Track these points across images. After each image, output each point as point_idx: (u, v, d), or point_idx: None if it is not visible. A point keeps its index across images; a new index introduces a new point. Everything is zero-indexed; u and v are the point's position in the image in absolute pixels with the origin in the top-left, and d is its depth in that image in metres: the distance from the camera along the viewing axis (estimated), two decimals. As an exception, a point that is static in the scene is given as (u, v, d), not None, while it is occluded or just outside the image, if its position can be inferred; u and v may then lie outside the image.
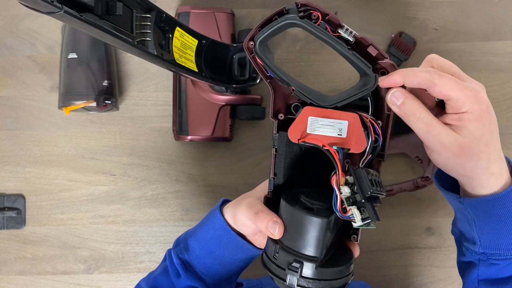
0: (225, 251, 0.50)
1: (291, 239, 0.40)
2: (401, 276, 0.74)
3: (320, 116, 0.40)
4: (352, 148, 0.39)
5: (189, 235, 0.53)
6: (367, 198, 0.36)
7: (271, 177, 0.44)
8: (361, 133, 0.39)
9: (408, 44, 0.72)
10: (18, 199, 0.76)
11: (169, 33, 0.55)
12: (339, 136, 0.39)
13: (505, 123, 0.73)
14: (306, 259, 0.38)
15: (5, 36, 0.77)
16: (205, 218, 0.53)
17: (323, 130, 0.39)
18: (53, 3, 0.34)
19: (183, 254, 0.52)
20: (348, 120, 0.39)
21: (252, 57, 0.41)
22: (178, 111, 0.71)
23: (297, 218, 0.39)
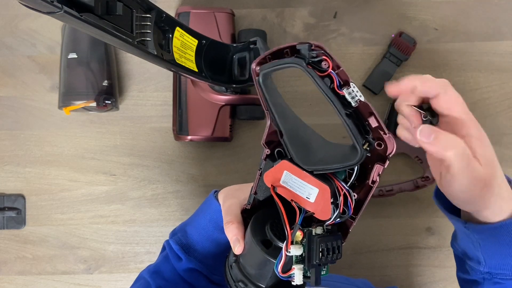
0: (222, 234, 0.50)
1: (246, 261, 0.43)
2: (401, 276, 0.74)
3: (294, 174, 0.39)
4: (316, 213, 0.39)
5: (186, 224, 0.56)
6: (313, 265, 0.37)
7: (252, 193, 0.44)
8: (328, 204, 0.38)
9: (408, 44, 0.72)
10: (18, 199, 0.76)
11: (169, 33, 0.55)
12: (306, 199, 0.39)
13: (505, 123, 0.73)
14: (255, 285, 0.42)
15: (5, 36, 0.77)
16: (199, 209, 0.56)
17: (294, 187, 0.39)
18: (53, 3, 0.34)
19: (180, 240, 0.54)
20: (319, 189, 0.38)
21: (256, 81, 0.40)
22: (178, 111, 0.71)
23: (254, 249, 0.41)
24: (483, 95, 0.73)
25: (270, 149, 0.42)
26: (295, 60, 0.36)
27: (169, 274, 0.54)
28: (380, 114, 0.73)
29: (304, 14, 0.75)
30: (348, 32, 0.75)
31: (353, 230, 0.41)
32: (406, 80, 0.39)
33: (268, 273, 0.40)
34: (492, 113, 0.73)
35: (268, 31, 0.73)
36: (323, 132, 0.42)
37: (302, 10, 0.75)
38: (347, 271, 0.74)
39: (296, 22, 0.75)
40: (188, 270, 0.53)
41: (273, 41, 0.75)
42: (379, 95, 0.73)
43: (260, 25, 0.75)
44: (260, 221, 0.43)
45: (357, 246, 0.74)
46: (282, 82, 0.74)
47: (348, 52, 0.74)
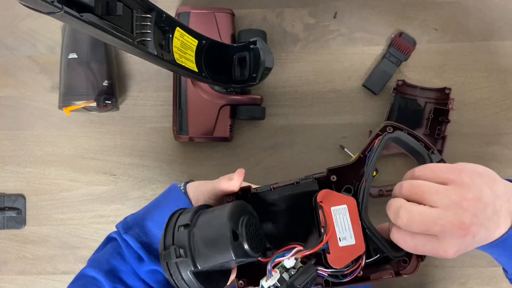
0: None
1: (200, 234, 0.41)
2: (401, 276, 0.74)
3: (350, 215, 0.41)
4: (331, 256, 0.40)
5: (143, 218, 0.50)
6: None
7: (271, 188, 0.46)
8: (349, 260, 0.40)
9: (408, 44, 0.72)
10: (18, 199, 0.76)
11: (169, 33, 0.55)
12: (338, 239, 0.41)
13: (505, 123, 0.73)
14: (193, 261, 0.40)
15: (5, 36, 0.77)
16: (161, 202, 0.51)
17: (338, 223, 0.41)
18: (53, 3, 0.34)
19: (140, 237, 0.49)
20: (356, 243, 0.40)
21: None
22: (178, 111, 0.71)
23: (220, 231, 0.39)
24: (483, 95, 0.73)
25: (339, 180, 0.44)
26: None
27: (128, 276, 0.48)
28: (380, 114, 0.73)
29: (304, 14, 0.75)
30: (348, 32, 0.75)
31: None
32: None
33: (216, 260, 0.39)
34: (492, 113, 0.73)
35: (268, 31, 0.73)
36: (324, 132, 0.43)
37: (302, 10, 0.75)
38: (347, 271, 0.74)
39: (296, 22, 0.75)
40: (151, 272, 0.48)
41: (273, 41, 0.75)
42: (379, 95, 0.73)
43: (260, 25, 0.75)
44: (239, 209, 0.42)
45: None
46: (281, 82, 0.74)
47: (348, 52, 0.75)
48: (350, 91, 0.74)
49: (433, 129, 0.70)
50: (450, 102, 0.69)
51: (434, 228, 0.36)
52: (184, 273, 0.39)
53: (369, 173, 0.42)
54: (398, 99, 0.71)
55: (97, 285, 0.47)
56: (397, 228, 0.39)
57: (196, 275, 0.40)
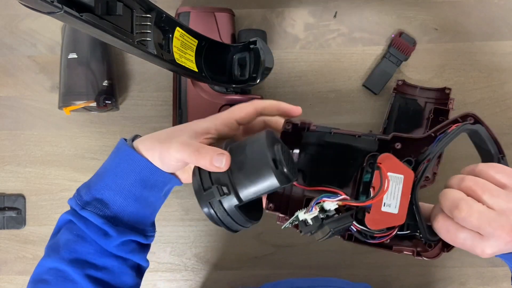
0: (150, 192, 0.46)
1: (239, 167, 0.41)
2: (401, 276, 0.74)
3: (404, 187, 0.42)
4: (369, 215, 0.42)
5: (98, 189, 0.46)
6: (332, 234, 0.40)
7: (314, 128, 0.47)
8: (384, 225, 0.42)
9: (408, 44, 0.72)
10: (18, 199, 0.76)
11: (169, 33, 0.55)
12: (383, 203, 0.41)
13: (505, 123, 0.73)
14: (237, 195, 0.40)
15: (5, 36, 0.77)
16: (112, 162, 0.47)
17: (390, 189, 0.42)
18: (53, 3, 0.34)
19: (102, 211, 0.45)
20: (398, 213, 0.41)
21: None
22: (178, 111, 0.71)
23: (260, 161, 0.40)
24: (483, 95, 0.73)
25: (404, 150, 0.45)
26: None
27: (96, 257, 0.44)
28: (380, 114, 0.73)
29: (304, 14, 0.75)
30: (348, 32, 0.75)
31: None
32: None
33: (261, 191, 0.40)
34: (492, 113, 0.73)
35: (268, 31, 0.73)
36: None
37: (302, 10, 0.75)
38: (347, 271, 0.74)
39: (296, 22, 0.75)
40: (122, 244, 0.46)
41: (273, 41, 0.75)
42: (379, 95, 0.73)
43: (260, 25, 0.75)
44: (273, 136, 0.42)
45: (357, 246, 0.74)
46: (281, 82, 0.74)
47: (348, 52, 0.74)
48: (350, 91, 0.74)
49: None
50: (450, 102, 0.69)
51: (486, 228, 0.38)
52: (230, 209, 0.40)
53: (435, 154, 0.42)
54: (398, 99, 0.71)
55: (64, 277, 0.43)
56: (445, 216, 0.40)
57: (241, 208, 0.40)
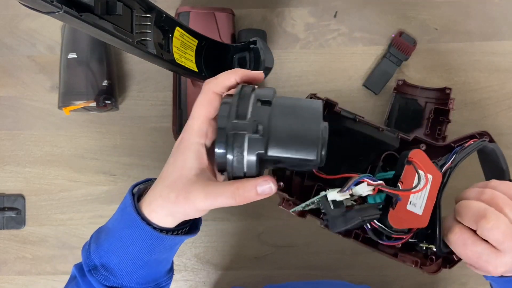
0: (160, 254, 0.43)
1: (283, 119, 0.35)
2: (401, 276, 0.74)
3: (430, 192, 0.40)
4: (392, 213, 0.38)
5: (106, 252, 0.42)
6: (360, 223, 0.37)
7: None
8: (404, 225, 0.39)
9: (408, 44, 0.72)
10: (18, 199, 0.76)
11: (169, 33, 0.55)
12: (409, 201, 0.39)
13: (505, 123, 0.73)
14: (266, 144, 0.35)
15: (5, 36, 0.77)
16: (121, 223, 0.42)
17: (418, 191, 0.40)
18: (53, 3, 0.34)
19: (108, 279, 0.41)
20: (422, 215, 0.40)
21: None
22: (178, 111, 0.71)
23: (310, 125, 0.35)
24: (483, 95, 0.73)
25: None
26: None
27: None
28: (381, 114, 0.73)
29: (304, 14, 0.75)
30: (348, 32, 0.75)
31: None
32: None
33: (292, 155, 0.34)
34: (492, 113, 0.73)
35: (268, 31, 0.73)
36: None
37: (302, 10, 0.75)
38: (347, 271, 0.74)
39: (296, 22, 0.75)
40: None
41: (273, 41, 0.75)
42: (379, 95, 0.73)
43: (260, 25, 0.75)
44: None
45: (357, 246, 0.74)
46: (281, 82, 0.74)
47: (348, 52, 0.74)
48: (350, 91, 0.74)
49: (433, 129, 0.70)
50: (451, 102, 0.69)
51: (506, 243, 0.37)
52: (250, 153, 0.34)
53: (458, 162, 0.42)
54: (398, 99, 0.71)
55: None
56: (463, 228, 0.39)
57: (259, 160, 0.35)
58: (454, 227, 0.39)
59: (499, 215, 0.37)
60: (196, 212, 0.39)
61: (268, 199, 0.75)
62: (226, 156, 0.35)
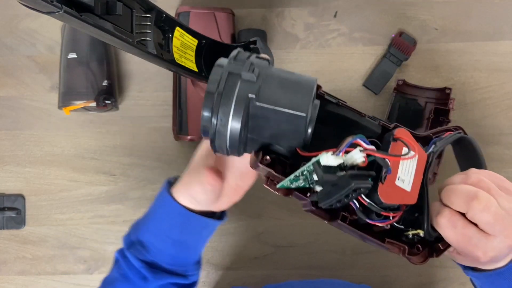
0: (188, 235, 0.47)
1: (279, 73, 0.37)
2: (401, 276, 0.74)
3: (418, 169, 0.39)
4: (383, 186, 0.37)
5: (142, 230, 0.49)
6: (351, 193, 0.35)
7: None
8: (392, 201, 0.37)
9: (408, 44, 0.72)
10: (18, 199, 0.76)
11: (169, 33, 0.55)
12: (397, 176, 0.38)
13: (505, 123, 0.73)
14: (258, 90, 0.35)
15: (5, 36, 0.77)
16: (155, 206, 0.49)
17: (404, 164, 0.39)
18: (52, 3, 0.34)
19: (143, 254, 0.47)
20: (411, 191, 0.39)
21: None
22: (178, 111, 0.71)
23: (304, 83, 0.36)
24: (483, 95, 0.73)
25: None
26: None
27: None
28: (381, 114, 0.73)
29: (304, 14, 0.75)
30: (348, 32, 0.75)
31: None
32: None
33: (284, 107, 0.35)
34: (492, 113, 0.73)
35: (268, 31, 0.73)
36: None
37: (302, 10, 0.75)
38: (348, 271, 0.73)
39: (296, 22, 0.75)
40: (159, 287, 0.48)
41: (273, 41, 0.75)
42: (379, 95, 0.73)
43: (260, 25, 0.75)
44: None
45: (357, 246, 0.74)
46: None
47: (348, 52, 0.74)
48: (350, 91, 0.74)
49: (433, 129, 0.70)
50: (451, 102, 0.69)
51: (497, 225, 0.36)
52: (242, 92, 0.35)
53: (438, 150, 0.41)
54: (398, 99, 0.71)
55: None
56: (452, 212, 0.38)
57: (245, 122, 0.35)
58: (444, 209, 0.39)
59: (490, 197, 0.36)
60: (206, 191, 0.45)
61: (268, 199, 0.75)
62: (211, 120, 0.35)
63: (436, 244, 0.40)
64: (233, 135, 0.35)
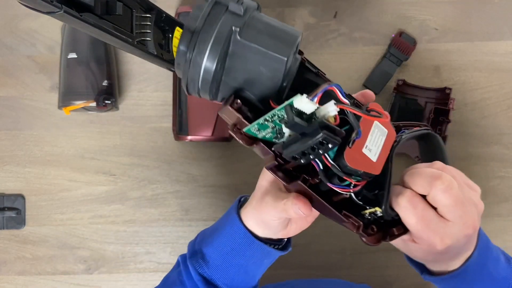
0: (250, 261, 0.47)
1: (263, 18, 0.36)
2: (401, 276, 0.74)
3: (388, 138, 0.40)
4: (349, 150, 0.36)
5: (206, 242, 0.48)
6: (319, 146, 0.33)
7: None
8: (358, 167, 0.37)
9: (408, 44, 0.72)
10: (18, 199, 0.76)
11: (169, 33, 0.55)
12: (365, 145, 0.37)
13: (505, 123, 0.73)
14: (243, 26, 0.34)
15: (5, 36, 0.77)
16: (222, 221, 0.49)
17: (374, 133, 0.38)
18: (52, 3, 0.34)
19: (202, 267, 0.47)
20: (376, 162, 0.38)
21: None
22: (178, 111, 0.71)
23: (288, 30, 0.36)
24: (483, 95, 0.73)
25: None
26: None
27: None
28: (380, 114, 0.73)
29: (304, 14, 0.75)
30: (348, 32, 0.75)
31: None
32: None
33: (265, 47, 0.34)
34: (492, 113, 0.73)
35: (268, 31, 0.73)
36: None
37: (302, 10, 0.75)
38: (348, 271, 0.73)
39: (296, 22, 0.75)
40: None
41: (273, 41, 0.75)
42: (379, 95, 0.73)
43: (260, 25, 0.75)
44: None
45: (357, 246, 0.74)
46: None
47: (348, 52, 0.74)
48: (350, 91, 0.73)
49: (433, 129, 0.70)
50: (451, 102, 0.69)
51: (456, 210, 0.36)
52: (225, 23, 0.34)
53: (404, 138, 0.42)
54: (398, 99, 0.71)
55: None
56: (413, 193, 0.38)
57: (222, 58, 0.34)
58: (405, 191, 0.38)
59: (452, 179, 0.36)
60: (268, 221, 0.43)
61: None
62: (186, 55, 0.34)
63: (391, 228, 0.39)
64: (207, 69, 0.34)
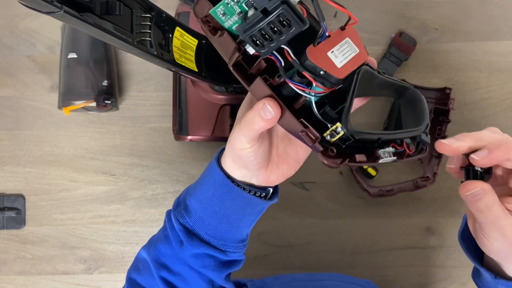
0: (230, 209, 0.44)
1: None
2: (401, 276, 0.74)
3: (358, 52, 0.39)
4: (309, 48, 0.36)
5: (190, 194, 0.47)
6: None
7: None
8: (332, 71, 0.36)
9: (408, 44, 0.72)
10: (18, 199, 0.76)
11: (169, 33, 0.55)
12: (333, 55, 0.37)
13: (505, 123, 0.73)
14: None
15: (5, 36, 0.77)
16: (204, 172, 0.47)
17: (342, 45, 0.39)
18: (52, 3, 0.34)
19: (183, 217, 0.46)
20: (343, 71, 0.38)
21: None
22: (178, 111, 0.71)
23: None
24: (483, 95, 0.73)
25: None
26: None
27: (172, 261, 0.46)
28: (381, 114, 0.73)
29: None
30: (348, 32, 0.75)
31: (353, 230, 0.40)
32: (462, 140, 0.38)
33: None
34: (492, 113, 0.73)
35: (268, 31, 0.73)
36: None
37: (302, 10, 0.75)
38: (348, 271, 0.73)
39: (296, 22, 0.75)
40: (194, 256, 0.46)
41: (273, 41, 0.75)
42: (379, 95, 0.73)
43: (260, 25, 0.75)
44: None
45: (357, 246, 0.74)
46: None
47: (348, 52, 0.74)
48: (350, 91, 0.74)
49: (433, 129, 0.70)
50: (451, 102, 0.69)
51: None
52: None
53: (375, 70, 0.41)
54: (398, 99, 0.71)
55: (148, 269, 0.47)
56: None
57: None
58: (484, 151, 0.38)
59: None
60: (241, 144, 0.40)
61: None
62: None
63: (353, 155, 0.37)
64: None
